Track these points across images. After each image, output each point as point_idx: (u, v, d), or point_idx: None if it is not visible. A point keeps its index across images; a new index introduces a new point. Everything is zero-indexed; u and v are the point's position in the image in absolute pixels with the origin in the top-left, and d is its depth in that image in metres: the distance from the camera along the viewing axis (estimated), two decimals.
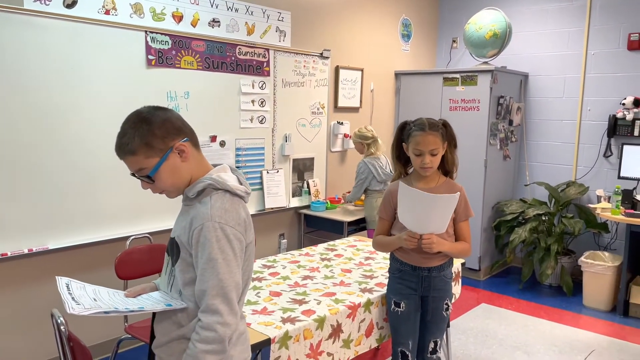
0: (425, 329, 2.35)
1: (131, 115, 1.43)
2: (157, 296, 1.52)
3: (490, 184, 4.91)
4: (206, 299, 1.37)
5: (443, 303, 2.34)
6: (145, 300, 1.49)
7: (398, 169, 2.35)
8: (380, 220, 2.36)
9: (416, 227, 2.15)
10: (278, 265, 2.82)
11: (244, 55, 3.86)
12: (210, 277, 1.37)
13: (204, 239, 1.38)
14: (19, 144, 2.81)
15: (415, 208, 2.11)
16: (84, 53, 3.01)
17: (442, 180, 2.30)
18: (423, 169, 2.20)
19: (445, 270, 2.32)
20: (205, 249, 1.37)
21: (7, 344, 2.92)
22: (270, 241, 4.36)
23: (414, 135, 2.18)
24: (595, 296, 4.29)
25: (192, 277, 1.43)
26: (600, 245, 4.87)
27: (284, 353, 2.00)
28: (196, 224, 1.39)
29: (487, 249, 5.03)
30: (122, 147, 1.41)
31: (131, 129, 1.39)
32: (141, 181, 1.46)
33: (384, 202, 2.33)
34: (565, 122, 5.04)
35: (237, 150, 3.93)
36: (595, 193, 4.77)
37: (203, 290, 1.38)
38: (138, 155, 1.40)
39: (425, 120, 2.21)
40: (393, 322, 2.36)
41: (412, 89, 5.33)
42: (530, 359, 3.36)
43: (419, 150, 2.18)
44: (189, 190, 1.47)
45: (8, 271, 2.88)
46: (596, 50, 4.82)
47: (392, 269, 2.39)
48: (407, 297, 2.30)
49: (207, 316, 1.37)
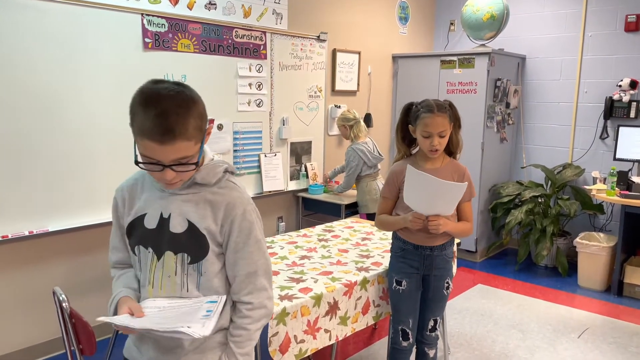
0: (426, 307, 2.39)
1: (166, 90, 1.20)
2: (181, 306, 1.33)
3: (487, 166, 4.94)
4: (256, 279, 1.39)
5: (444, 282, 2.37)
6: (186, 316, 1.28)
7: (403, 150, 2.35)
8: (384, 199, 2.37)
9: (422, 209, 2.16)
10: (276, 246, 2.85)
11: (241, 38, 3.86)
12: (259, 258, 1.39)
13: (249, 222, 1.38)
14: (18, 128, 2.82)
15: (422, 191, 2.11)
16: (81, 36, 3.01)
17: (447, 160, 2.32)
18: (431, 151, 2.20)
19: (447, 249, 2.35)
20: (252, 231, 1.38)
21: (10, 324, 2.97)
22: (269, 224, 4.40)
23: (422, 117, 2.17)
24: (590, 276, 4.35)
25: (220, 266, 1.39)
26: (596, 226, 4.91)
27: (282, 329, 2.04)
28: (237, 210, 1.36)
29: (483, 231, 5.07)
30: (173, 131, 1.18)
31: (182, 109, 1.19)
32: (169, 173, 1.24)
33: (387, 182, 2.34)
34: (562, 104, 5.05)
35: (234, 134, 3.94)
36: (591, 175, 4.80)
37: (252, 272, 1.38)
38: (191, 140, 1.22)
39: (432, 101, 2.20)
40: (394, 300, 2.39)
41: (409, 72, 5.34)
42: (525, 337, 3.42)
43: (427, 132, 2.17)
44: (208, 175, 1.35)
45: (9, 253, 2.91)
46: (593, 32, 4.82)
47: (394, 247, 2.42)
48: (409, 275, 2.33)
49: (257, 296, 1.40)
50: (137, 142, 1.22)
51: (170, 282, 1.36)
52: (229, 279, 1.41)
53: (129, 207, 1.42)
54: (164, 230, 1.35)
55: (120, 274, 1.48)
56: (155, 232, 1.36)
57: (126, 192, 1.43)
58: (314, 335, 2.20)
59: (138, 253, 1.40)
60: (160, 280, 1.36)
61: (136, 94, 1.22)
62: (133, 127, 1.22)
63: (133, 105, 1.22)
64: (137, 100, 1.21)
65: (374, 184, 4.13)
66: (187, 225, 1.34)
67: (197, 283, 1.36)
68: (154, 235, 1.36)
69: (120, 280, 1.46)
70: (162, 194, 1.37)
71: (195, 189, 1.36)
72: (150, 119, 1.17)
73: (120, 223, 1.45)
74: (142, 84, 1.24)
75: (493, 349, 3.27)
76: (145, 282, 1.40)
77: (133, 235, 1.40)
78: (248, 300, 1.39)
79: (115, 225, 1.48)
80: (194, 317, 1.27)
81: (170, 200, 1.36)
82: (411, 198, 2.17)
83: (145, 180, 1.42)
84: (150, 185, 1.40)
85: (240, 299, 1.39)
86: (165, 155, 1.21)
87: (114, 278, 1.49)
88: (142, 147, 1.22)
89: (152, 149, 1.20)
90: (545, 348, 3.28)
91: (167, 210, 1.36)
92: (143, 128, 1.18)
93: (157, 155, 1.21)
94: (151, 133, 1.18)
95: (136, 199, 1.41)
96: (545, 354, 3.21)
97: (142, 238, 1.38)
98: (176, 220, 1.35)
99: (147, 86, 1.22)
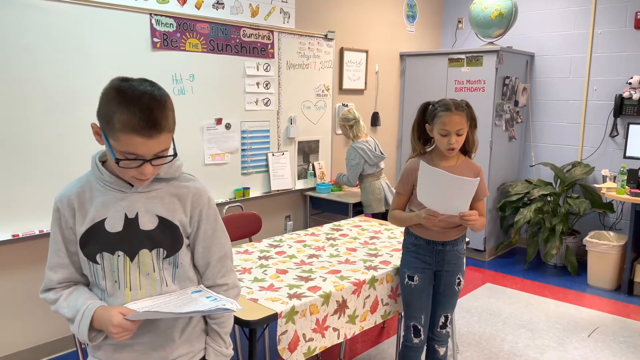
0: (437, 304, 2.40)
1: (142, 87, 1.24)
2: (172, 300, 1.35)
3: (496, 165, 4.92)
4: (226, 261, 1.49)
5: (455, 278, 2.38)
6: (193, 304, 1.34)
7: (418, 149, 2.36)
8: (398, 195, 2.38)
9: (436, 206, 2.16)
10: (284, 245, 2.86)
11: (249, 37, 3.87)
12: (225, 242, 1.50)
13: (213, 210, 1.47)
14: (29, 127, 2.85)
15: (435, 187, 2.11)
16: (89, 36, 3.03)
17: (462, 159, 2.32)
18: (449, 150, 2.21)
19: (458, 245, 2.36)
20: (217, 217, 1.48)
21: (22, 323, 2.99)
22: (277, 223, 4.40)
23: (440, 116, 2.18)
24: (599, 275, 4.32)
25: (190, 257, 1.45)
26: (606, 225, 4.88)
27: (291, 327, 2.05)
28: (203, 199, 1.44)
29: (492, 230, 5.05)
30: (159, 124, 1.23)
31: (161, 103, 1.25)
32: (148, 167, 1.27)
33: (402, 178, 2.35)
34: (571, 102, 5.02)
35: (242, 133, 3.95)
36: (600, 173, 4.77)
37: (222, 255, 1.48)
38: (171, 132, 1.29)
39: (450, 100, 2.21)
40: (406, 296, 2.40)
41: (417, 70, 5.32)
42: (534, 336, 3.40)
43: (445, 130, 2.18)
44: (171, 169, 1.38)
45: (20, 251, 2.94)
46: (603, 29, 4.78)
47: (406, 243, 2.42)
48: (421, 271, 2.34)
49: (230, 276, 1.50)
50: (117, 140, 1.23)
51: (149, 279, 1.37)
52: (200, 267, 1.48)
53: (81, 216, 1.34)
54: (133, 230, 1.34)
55: (70, 291, 1.38)
56: (122, 234, 1.34)
57: (74, 200, 1.35)
58: (323, 334, 2.20)
59: (102, 261, 1.34)
60: (138, 280, 1.36)
61: (110, 93, 1.23)
62: (109, 125, 1.23)
63: (108, 105, 1.23)
64: (115, 98, 1.22)
65: (377, 184, 4.12)
66: (157, 221, 1.36)
67: (172, 276, 1.41)
68: (122, 238, 1.34)
69: (77, 295, 1.37)
70: (123, 195, 1.35)
71: (157, 185, 1.38)
72: (137, 115, 1.20)
73: (67, 235, 1.36)
74: (108, 84, 1.25)
75: (502, 348, 3.25)
76: (117, 288, 1.35)
77: (91, 244, 1.34)
78: (223, 282, 1.48)
79: (58, 240, 1.37)
80: (198, 302, 1.34)
81: (133, 200, 1.35)
82: (425, 195, 2.16)
83: (93, 186, 1.36)
84: (103, 189, 1.35)
85: (216, 282, 1.48)
86: (149, 149, 1.24)
87: (58, 299, 1.37)
88: (125, 144, 1.22)
89: (137, 143, 1.22)
90: (554, 347, 3.27)
91: (132, 210, 1.35)
92: (129, 124, 1.20)
93: (140, 150, 1.23)
94: (138, 128, 1.21)
95: (87, 206, 1.34)
96: (554, 353, 3.20)
97: (106, 244, 1.33)
98: (145, 217, 1.35)
99: (120, 84, 1.24)
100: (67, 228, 1.36)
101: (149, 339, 1.39)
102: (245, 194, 4.02)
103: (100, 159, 1.38)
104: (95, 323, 1.31)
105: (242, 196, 3.99)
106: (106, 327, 1.29)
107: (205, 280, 1.48)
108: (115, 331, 1.27)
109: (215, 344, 1.50)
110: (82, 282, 1.42)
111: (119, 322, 1.27)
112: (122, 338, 1.30)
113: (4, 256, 2.89)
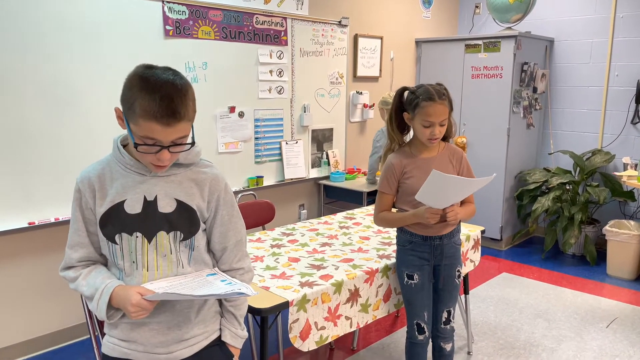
0: (438, 299, 2.33)
1: (165, 76, 1.25)
2: (189, 282, 1.38)
3: (513, 152, 4.83)
4: (242, 246, 1.53)
5: (455, 270, 2.31)
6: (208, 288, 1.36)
7: (397, 139, 2.26)
8: (383, 195, 2.28)
9: (439, 204, 2.10)
10: (297, 233, 2.84)
11: (261, 24, 3.83)
12: (241, 227, 1.53)
13: (230, 195, 1.50)
14: (42, 116, 2.87)
15: (446, 190, 2.03)
16: (101, 24, 3.03)
17: (442, 146, 2.26)
18: (430, 139, 2.14)
19: (455, 236, 2.30)
20: (234, 203, 1.51)
21: (40, 309, 3.04)
22: (290, 211, 4.39)
23: (423, 106, 2.09)
24: (619, 265, 4.23)
25: (206, 241, 1.49)
26: (626, 214, 4.77)
27: (302, 316, 2.04)
28: (221, 185, 1.46)
29: (508, 219, 4.98)
30: (179, 113, 1.25)
31: (182, 92, 1.26)
32: (166, 153, 1.29)
33: (386, 176, 2.25)
34: (592, 88, 4.90)
35: (255, 121, 3.94)
36: (621, 161, 4.66)
37: (239, 240, 1.52)
38: (190, 121, 1.30)
39: (430, 88, 2.11)
40: (407, 295, 2.32)
41: (433, 57, 5.23)
42: (551, 327, 3.35)
43: (429, 122, 2.10)
44: (190, 155, 1.40)
45: (36, 239, 2.98)
46: (625, 13, 4.64)
47: (401, 241, 2.33)
48: (420, 268, 2.27)
49: (246, 260, 1.54)
50: (137, 125, 1.25)
51: (166, 260, 1.40)
52: (216, 251, 1.51)
53: (101, 197, 1.37)
54: (151, 212, 1.37)
55: (89, 270, 1.42)
56: (141, 216, 1.37)
57: (95, 181, 1.38)
58: (335, 322, 2.19)
59: (120, 241, 1.37)
60: (155, 261, 1.39)
61: (134, 79, 1.26)
62: (130, 110, 1.25)
63: (131, 90, 1.25)
64: (138, 85, 1.24)
65: None
66: (175, 205, 1.39)
67: (189, 258, 1.43)
68: (140, 219, 1.37)
69: (96, 274, 1.40)
70: (143, 178, 1.38)
71: (176, 170, 1.41)
72: (157, 102, 1.22)
73: (87, 216, 1.40)
74: (133, 70, 1.28)
75: (518, 337, 3.21)
76: (134, 268, 1.38)
77: (110, 225, 1.37)
78: (240, 266, 1.52)
79: (79, 219, 1.40)
80: (214, 286, 1.36)
81: (152, 183, 1.38)
82: (427, 196, 2.07)
83: (113, 168, 1.39)
84: (123, 172, 1.38)
85: (233, 267, 1.51)
86: (167, 136, 1.26)
87: (78, 277, 1.40)
88: (144, 129, 1.25)
89: (156, 130, 1.25)
90: (572, 337, 3.21)
91: (151, 193, 1.37)
92: (149, 111, 1.23)
93: (158, 136, 1.26)
94: (158, 115, 1.23)
95: (108, 187, 1.38)
96: (572, 343, 3.14)
97: (125, 225, 1.36)
98: (164, 201, 1.38)
99: (144, 72, 1.26)
100: (87, 208, 1.40)
101: (166, 319, 1.41)
102: (259, 183, 4.01)
103: (122, 142, 1.41)
104: (114, 302, 1.34)
105: (256, 185, 3.98)
106: (124, 306, 1.31)
107: (221, 265, 1.51)
108: (133, 310, 1.30)
109: (231, 326, 1.53)
110: (100, 261, 1.46)
111: (137, 302, 1.29)
112: (139, 317, 1.33)
113: (20, 243, 2.92)
